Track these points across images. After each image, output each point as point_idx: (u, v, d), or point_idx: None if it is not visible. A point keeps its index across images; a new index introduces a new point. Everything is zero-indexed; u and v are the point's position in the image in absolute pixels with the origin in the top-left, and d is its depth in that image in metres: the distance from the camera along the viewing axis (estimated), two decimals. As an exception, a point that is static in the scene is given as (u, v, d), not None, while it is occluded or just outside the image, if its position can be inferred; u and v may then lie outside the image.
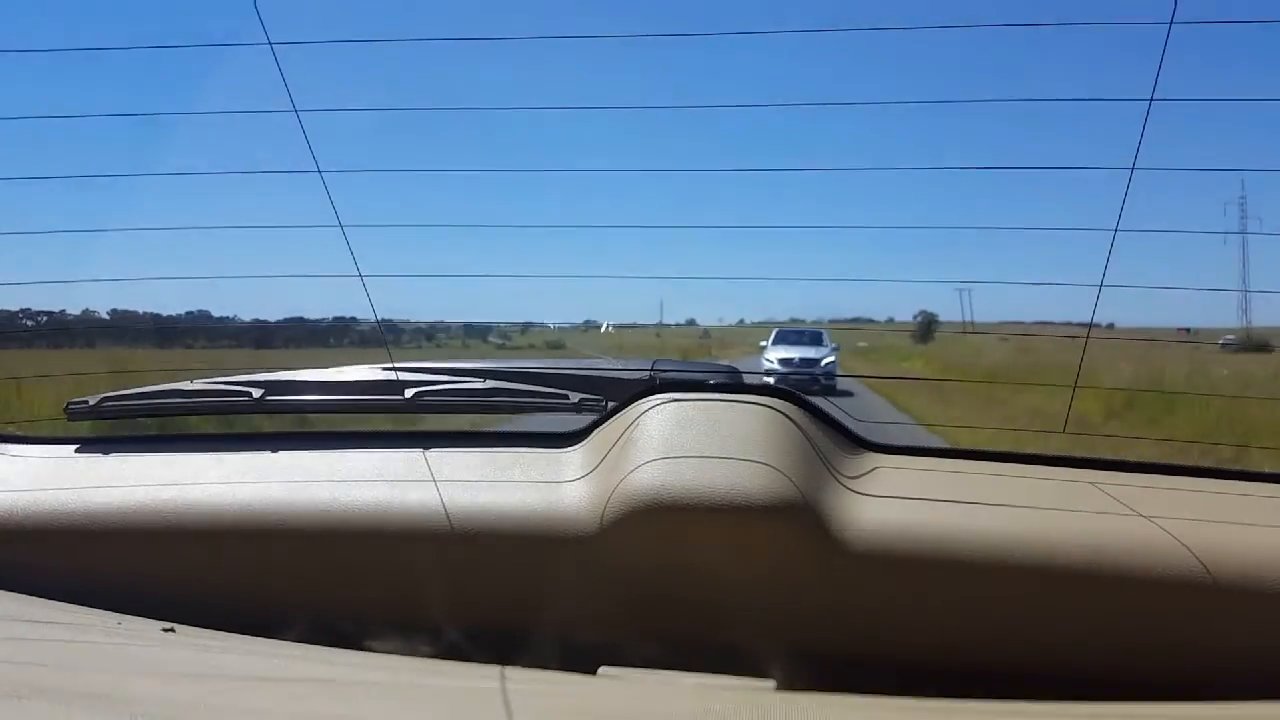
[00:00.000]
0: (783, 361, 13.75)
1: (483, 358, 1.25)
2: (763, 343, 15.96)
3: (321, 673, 0.71)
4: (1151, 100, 0.92)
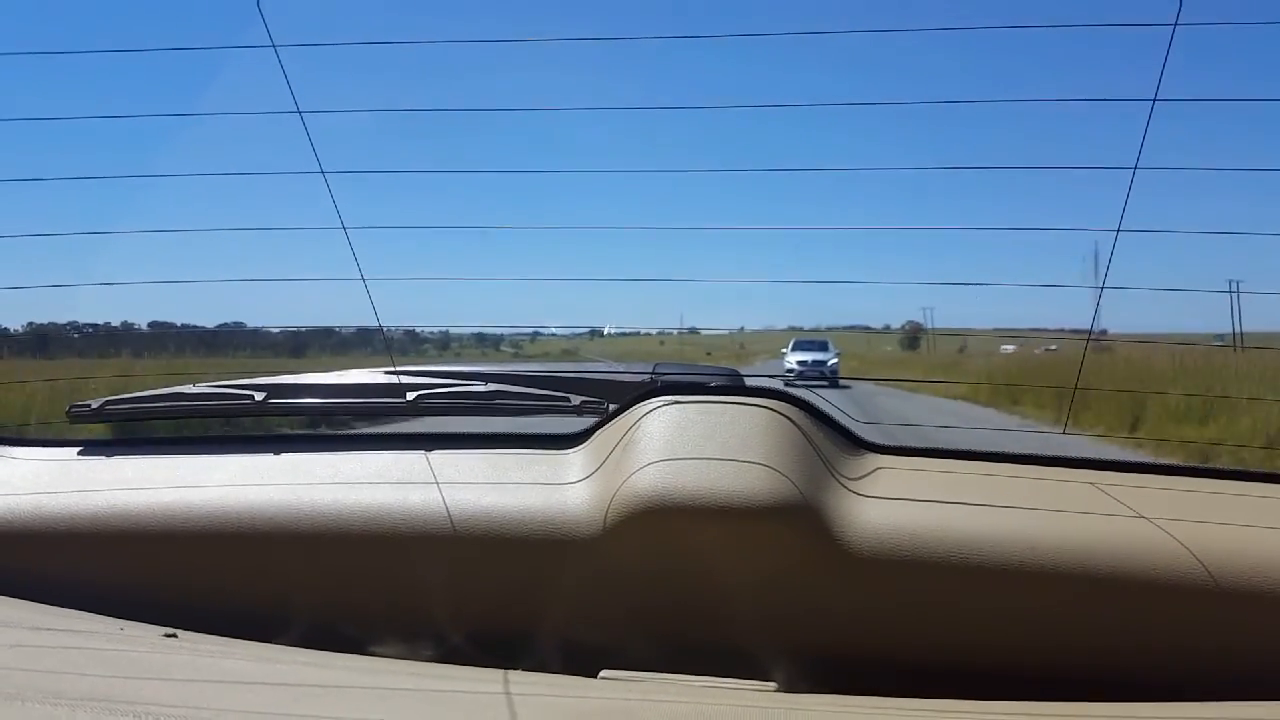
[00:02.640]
0: (799, 363, 19.13)
1: (485, 362, 1.25)
2: (783, 350, 21.74)
3: (324, 677, 0.71)
4: (1155, 100, 0.92)
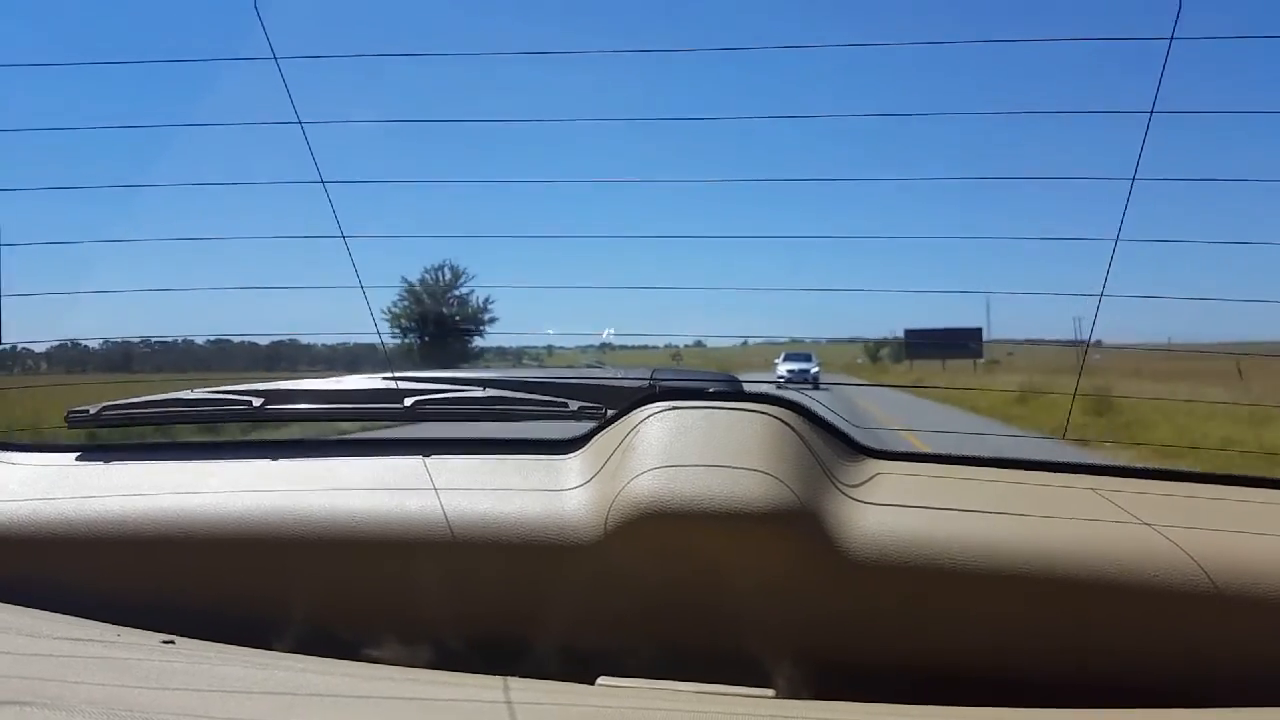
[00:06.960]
0: (789, 370, 22.76)
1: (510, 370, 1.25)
2: (775, 360, 26.19)
3: (321, 684, 0.71)
4: (1152, 112, 0.92)
